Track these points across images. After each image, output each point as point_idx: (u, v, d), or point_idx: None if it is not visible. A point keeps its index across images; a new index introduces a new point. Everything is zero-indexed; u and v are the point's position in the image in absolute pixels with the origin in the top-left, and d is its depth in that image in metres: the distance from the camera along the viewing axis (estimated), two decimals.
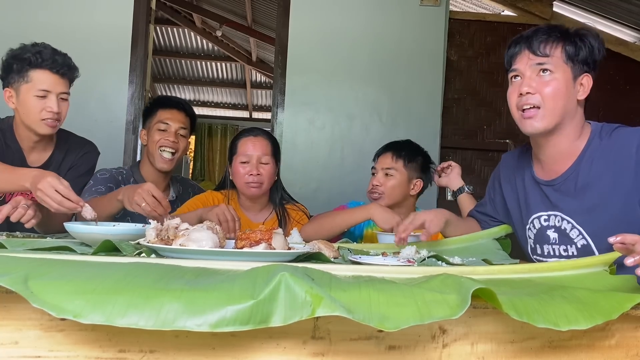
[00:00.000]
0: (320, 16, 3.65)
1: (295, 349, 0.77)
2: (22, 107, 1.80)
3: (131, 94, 3.47)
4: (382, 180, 2.09)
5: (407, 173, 2.11)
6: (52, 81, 1.79)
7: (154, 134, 2.12)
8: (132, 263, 0.87)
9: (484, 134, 4.05)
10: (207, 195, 2.11)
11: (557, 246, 1.46)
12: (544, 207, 1.49)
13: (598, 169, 1.38)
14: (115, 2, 3.48)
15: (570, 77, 1.40)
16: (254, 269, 0.81)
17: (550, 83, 1.39)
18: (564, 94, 1.39)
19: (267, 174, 2.03)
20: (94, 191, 1.96)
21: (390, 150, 2.14)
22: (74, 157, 1.97)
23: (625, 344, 0.86)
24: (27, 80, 1.78)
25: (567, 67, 1.40)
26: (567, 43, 1.41)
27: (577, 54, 1.40)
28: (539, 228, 1.50)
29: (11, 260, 0.86)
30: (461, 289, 0.76)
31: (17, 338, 0.74)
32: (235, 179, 2.05)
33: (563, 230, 1.44)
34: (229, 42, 8.13)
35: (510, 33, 4.06)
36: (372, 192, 2.11)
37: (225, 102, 9.71)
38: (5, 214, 1.48)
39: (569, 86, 1.40)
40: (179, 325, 0.66)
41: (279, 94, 3.63)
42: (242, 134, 2.11)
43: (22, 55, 1.78)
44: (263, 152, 2.03)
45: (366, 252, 1.44)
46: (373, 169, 2.16)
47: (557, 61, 1.40)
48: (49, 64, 1.78)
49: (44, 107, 1.78)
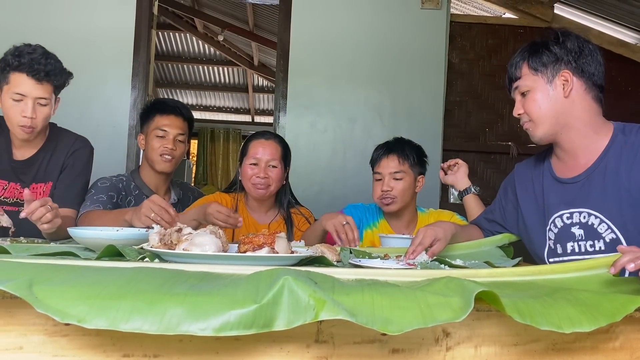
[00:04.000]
0: (322, 20, 3.66)
1: (299, 352, 0.77)
2: (3, 108, 1.79)
3: (134, 99, 3.48)
4: (392, 185, 2.05)
5: (413, 173, 2.09)
6: (28, 85, 1.74)
7: (152, 140, 2.12)
8: (135, 268, 0.87)
9: (486, 137, 4.05)
10: (215, 196, 2.13)
11: (583, 242, 1.45)
12: (565, 205, 1.49)
13: (627, 163, 1.40)
14: (117, 8, 3.49)
15: (543, 83, 1.46)
16: (257, 273, 0.81)
17: (528, 98, 1.49)
18: (542, 101, 1.46)
19: (275, 177, 2.06)
20: (95, 200, 1.96)
21: (394, 152, 2.09)
22: (63, 156, 1.93)
23: (629, 346, 0.86)
24: (7, 82, 1.76)
25: (537, 77, 1.47)
26: (530, 56, 1.49)
27: (541, 61, 1.46)
28: (562, 227, 1.49)
29: (15, 265, 0.86)
30: (464, 292, 0.76)
31: (22, 343, 0.74)
32: (243, 181, 2.08)
33: (590, 226, 1.44)
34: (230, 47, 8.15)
35: (512, 36, 4.06)
36: (384, 198, 2.06)
37: (228, 106, 9.72)
38: (33, 210, 1.48)
39: (546, 92, 1.46)
40: (183, 329, 0.67)
41: (281, 97, 3.64)
42: (254, 136, 2.14)
43: (6, 56, 1.77)
44: (272, 156, 2.06)
45: (367, 255, 1.44)
46: (377, 174, 2.09)
47: (526, 78, 1.49)
48: (26, 68, 1.73)
49: (19, 112, 1.76)
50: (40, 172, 1.91)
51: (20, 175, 1.89)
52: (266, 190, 2.05)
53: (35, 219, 1.50)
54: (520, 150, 3.91)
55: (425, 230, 1.46)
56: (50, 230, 1.56)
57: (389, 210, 2.09)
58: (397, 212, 2.10)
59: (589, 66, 1.45)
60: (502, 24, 4.13)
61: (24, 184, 1.88)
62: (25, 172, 1.90)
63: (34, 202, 1.50)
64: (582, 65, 1.44)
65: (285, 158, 2.11)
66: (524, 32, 4.04)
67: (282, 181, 2.12)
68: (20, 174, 1.89)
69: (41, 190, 1.91)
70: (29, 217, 1.49)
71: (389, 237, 1.81)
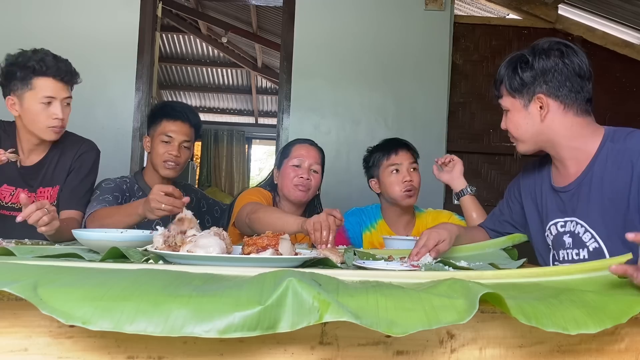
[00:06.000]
0: (325, 22, 3.66)
1: (303, 354, 0.77)
2: (27, 114, 1.81)
3: (138, 101, 3.49)
4: (412, 176, 2.06)
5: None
6: (56, 88, 1.81)
7: (157, 145, 2.13)
8: (140, 270, 0.87)
9: (490, 138, 4.04)
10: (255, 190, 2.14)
11: (570, 250, 1.47)
12: (560, 213, 1.49)
13: (611, 172, 1.38)
14: (121, 10, 3.50)
15: (520, 107, 1.47)
16: (261, 274, 0.81)
17: (508, 118, 1.51)
18: (520, 124, 1.48)
19: (315, 182, 2.08)
20: (101, 200, 1.97)
21: (405, 146, 2.12)
22: (70, 159, 1.95)
23: (635, 347, 0.86)
24: (30, 88, 1.79)
25: (514, 100, 1.48)
26: (507, 77, 1.48)
27: (515, 84, 1.46)
28: (556, 234, 1.50)
29: (20, 267, 0.87)
30: (469, 294, 0.76)
31: (27, 345, 0.74)
32: (283, 182, 2.07)
33: (577, 235, 1.45)
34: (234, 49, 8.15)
35: (516, 36, 4.06)
36: (407, 190, 2.04)
37: (231, 108, 9.73)
38: (29, 213, 1.49)
39: (523, 115, 1.47)
40: (187, 331, 0.67)
41: (285, 99, 3.64)
42: (297, 140, 2.20)
43: (25, 63, 1.79)
44: (315, 160, 2.09)
45: (372, 257, 1.43)
46: (394, 165, 2.07)
47: (506, 99, 1.50)
48: (53, 72, 1.79)
49: (50, 114, 1.80)
50: (48, 176, 1.92)
51: (28, 180, 1.90)
52: (306, 193, 2.05)
53: (32, 222, 1.51)
54: None
55: (430, 232, 1.46)
56: (49, 233, 1.57)
57: (410, 203, 2.09)
58: (396, 212, 2.11)
59: (563, 86, 1.40)
60: (506, 25, 4.12)
61: (32, 188, 1.90)
62: (33, 177, 1.91)
63: (30, 205, 1.50)
64: (556, 86, 1.41)
65: (323, 167, 2.14)
66: (528, 33, 4.04)
67: (318, 189, 2.14)
68: (28, 179, 1.90)
69: (48, 194, 1.92)
70: (28, 220, 1.50)
71: (393, 238, 1.81)
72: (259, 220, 1.76)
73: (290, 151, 2.12)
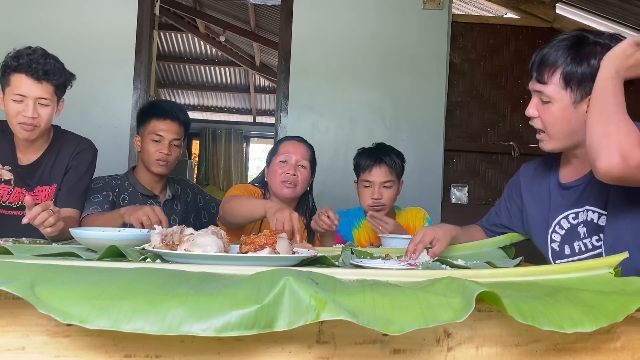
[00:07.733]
0: (323, 21, 3.66)
1: (300, 353, 0.77)
2: (5, 110, 1.82)
3: (135, 99, 3.48)
4: (382, 193, 2.10)
5: (398, 180, 2.16)
6: (29, 86, 1.76)
7: (147, 144, 2.15)
8: (137, 268, 0.87)
9: (487, 137, 4.04)
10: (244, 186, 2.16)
11: (587, 239, 1.45)
12: (570, 206, 1.48)
13: None
14: (119, 9, 3.50)
15: (569, 102, 1.33)
16: (258, 273, 0.81)
17: (547, 109, 1.36)
18: (561, 119, 1.35)
19: (303, 178, 2.08)
20: (93, 201, 2.01)
21: (384, 162, 2.12)
22: (67, 157, 1.95)
23: (631, 346, 0.86)
24: (8, 84, 1.79)
25: (565, 93, 1.33)
26: (565, 66, 1.32)
27: (577, 75, 1.31)
28: (568, 228, 1.48)
29: (18, 266, 0.87)
30: (465, 292, 0.76)
31: (24, 344, 0.74)
32: (271, 179, 2.09)
33: (590, 222, 1.43)
34: (232, 47, 8.15)
35: (513, 36, 4.06)
36: (374, 207, 2.09)
37: (229, 106, 9.73)
38: (35, 215, 1.49)
39: (569, 112, 1.34)
40: (185, 330, 0.67)
41: (283, 98, 3.64)
42: (285, 138, 2.22)
43: (6, 60, 1.79)
44: (302, 156, 2.10)
45: (369, 255, 1.44)
46: (367, 182, 2.12)
47: (554, 88, 1.34)
48: (25, 68, 1.75)
49: (19, 112, 1.78)
50: (45, 175, 1.92)
51: (26, 179, 1.90)
52: (293, 189, 2.06)
53: (38, 223, 1.51)
54: (522, 150, 3.90)
55: (425, 229, 1.48)
56: (54, 234, 1.57)
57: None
58: None
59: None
60: (504, 24, 4.12)
61: (29, 187, 1.89)
62: (30, 175, 1.91)
63: (35, 206, 1.50)
64: None
65: (312, 163, 2.14)
66: (526, 32, 4.04)
67: (308, 185, 2.14)
68: (25, 178, 1.90)
69: (46, 192, 1.91)
70: (32, 222, 1.50)
71: (390, 237, 1.82)
72: (230, 210, 1.84)
73: (278, 148, 2.14)
